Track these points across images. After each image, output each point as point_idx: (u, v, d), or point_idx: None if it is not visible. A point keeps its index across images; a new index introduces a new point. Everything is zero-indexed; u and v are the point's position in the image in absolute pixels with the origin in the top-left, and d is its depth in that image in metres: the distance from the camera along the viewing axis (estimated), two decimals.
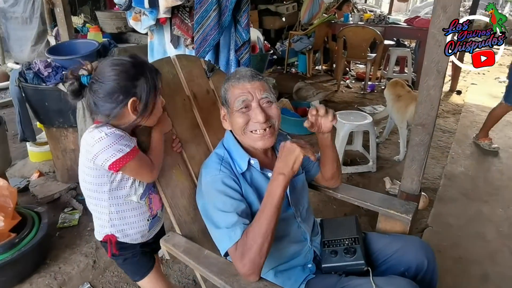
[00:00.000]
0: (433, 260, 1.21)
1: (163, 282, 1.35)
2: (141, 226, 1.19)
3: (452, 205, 2.48)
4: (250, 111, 1.09)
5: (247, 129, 1.10)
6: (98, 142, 1.01)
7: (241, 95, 1.08)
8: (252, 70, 1.15)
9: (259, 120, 1.08)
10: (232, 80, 1.12)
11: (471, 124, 3.95)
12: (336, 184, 1.41)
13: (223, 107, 1.17)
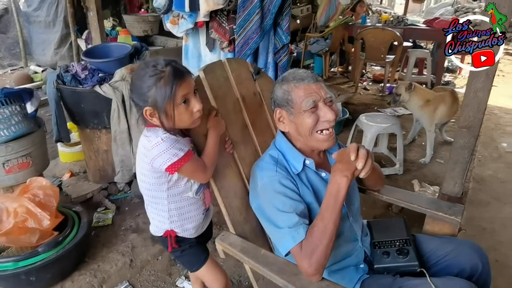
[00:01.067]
0: (487, 262, 1.21)
1: (220, 270, 1.39)
2: (198, 220, 1.25)
3: (484, 209, 2.46)
4: (318, 110, 1.10)
5: (315, 129, 1.11)
6: (156, 147, 1.05)
7: (309, 95, 1.09)
8: (309, 71, 1.17)
9: (329, 119, 1.09)
10: (293, 82, 1.12)
11: (495, 127, 3.92)
12: (379, 187, 1.42)
13: (279, 109, 1.16)
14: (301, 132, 1.14)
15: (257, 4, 1.76)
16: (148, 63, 1.05)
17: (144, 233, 2.13)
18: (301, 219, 1.04)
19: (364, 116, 2.86)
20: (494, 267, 1.93)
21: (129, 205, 2.41)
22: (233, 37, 1.94)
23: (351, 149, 1.01)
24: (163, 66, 1.03)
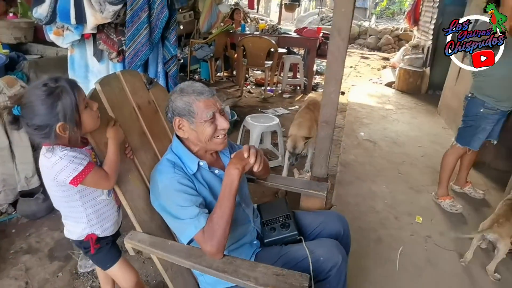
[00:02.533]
0: (347, 227, 1.59)
1: (131, 268, 1.50)
2: (114, 217, 1.39)
3: (349, 187, 3.01)
4: (216, 121, 1.29)
5: (214, 136, 1.30)
6: (55, 165, 1.13)
7: (208, 108, 1.27)
8: (205, 86, 1.33)
9: (224, 127, 1.30)
10: (194, 94, 1.27)
11: (355, 120, 4.70)
12: (266, 175, 1.70)
13: (179, 118, 1.30)
14: (201, 139, 1.31)
15: (145, 20, 1.87)
16: (36, 86, 1.09)
17: (39, 252, 2.03)
18: (201, 209, 1.22)
19: (250, 117, 3.17)
20: (358, 232, 2.43)
21: (16, 226, 2.23)
22: (121, 48, 2.00)
23: (245, 148, 1.26)
24: (54, 82, 1.09)
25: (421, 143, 4.06)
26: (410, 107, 5.45)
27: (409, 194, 2.98)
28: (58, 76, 1.13)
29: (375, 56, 9.67)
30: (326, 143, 1.88)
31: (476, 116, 2.48)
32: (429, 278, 2.08)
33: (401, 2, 14.16)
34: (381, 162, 3.53)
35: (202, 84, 1.33)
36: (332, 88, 1.72)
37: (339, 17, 1.59)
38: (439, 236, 2.46)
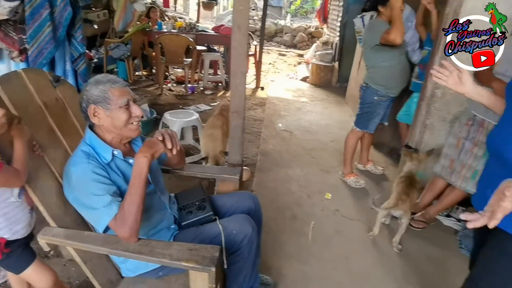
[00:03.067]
0: (258, 203, 1.75)
1: (47, 267, 1.47)
2: (26, 219, 1.34)
3: (268, 173, 3.24)
4: (130, 108, 1.37)
5: (128, 122, 1.37)
6: None
7: (123, 95, 1.34)
8: (118, 77, 1.40)
9: (138, 114, 1.38)
10: (109, 83, 1.34)
11: (274, 113, 4.98)
12: (182, 165, 1.79)
13: (94, 105, 1.33)
14: (116, 125, 1.36)
15: (47, 17, 1.82)
16: None
17: None
18: (114, 198, 1.28)
19: (168, 113, 3.23)
20: (276, 211, 2.65)
21: None
22: (24, 46, 1.92)
23: (158, 133, 1.35)
24: None
25: (331, 130, 4.47)
26: (322, 98, 5.91)
27: (320, 175, 3.30)
28: None
29: (292, 53, 10.21)
30: (239, 131, 2.04)
31: (371, 103, 2.86)
32: (337, 246, 2.37)
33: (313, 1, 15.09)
34: (296, 149, 3.83)
35: (116, 76, 1.39)
36: (238, 80, 1.88)
37: (238, 14, 1.74)
38: (346, 208, 2.79)
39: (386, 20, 2.64)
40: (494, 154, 1.19)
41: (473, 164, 2.27)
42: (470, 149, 2.27)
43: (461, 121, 2.37)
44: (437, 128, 2.69)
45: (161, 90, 5.44)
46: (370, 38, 2.71)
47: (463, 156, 2.31)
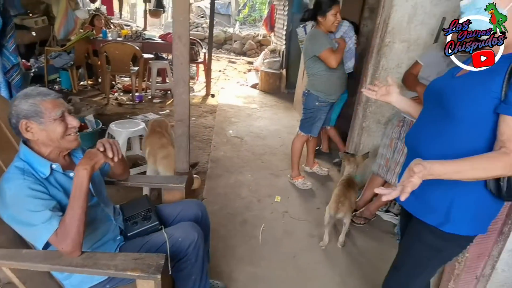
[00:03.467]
0: (205, 210, 1.79)
1: None
2: None
3: (219, 180, 3.27)
4: (66, 119, 1.35)
5: (65, 133, 1.35)
6: None
7: (56, 107, 1.32)
8: (49, 89, 1.37)
9: (75, 125, 1.37)
10: (39, 96, 1.30)
11: (224, 120, 5.03)
12: (126, 176, 1.78)
13: (26, 120, 1.29)
14: (53, 138, 1.33)
15: None
16: None
17: None
18: (54, 213, 1.25)
19: (114, 124, 3.16)
20: (227, 217, 2.69)
21: None
22: None
23: (99, 143, 1.35)
24: None
25: (280, 135, 4.61)
26: (271, 105, 6.07)
27: (270, 179, 3.40)
28: None
29: (241, 61, 10.34)
30: (184, 140, 2.06)
31: (313, 109, 3.01)
32: (286, 246, 2.46)
33: (261, 10, 15.39)
34: (247, 155, 3.91)
35: (47, 88, 1.36)
36: (182, 89, 1.91)
37: (179, 25, 1.78)
38: (294, 210, 2.90)
39: (325, 30, 2.81)
40: (410, 150, 1.33)
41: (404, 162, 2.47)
42: (402, 148, 2.47)
43: (393, 122, 2.57)
44: (373, 130, 2.90)
45: (108, 100, 5.28)
46: (310, 49, 2.86)
47: (396, 155, 2.52)
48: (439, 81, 1.32)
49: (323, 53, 2.75)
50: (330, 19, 2.74)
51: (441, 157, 1.07)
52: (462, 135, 1.14)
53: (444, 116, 1.18)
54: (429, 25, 2.64)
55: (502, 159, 1.02)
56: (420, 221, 1.26)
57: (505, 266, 1.77)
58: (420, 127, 1.30)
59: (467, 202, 1.18)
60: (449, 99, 1.17)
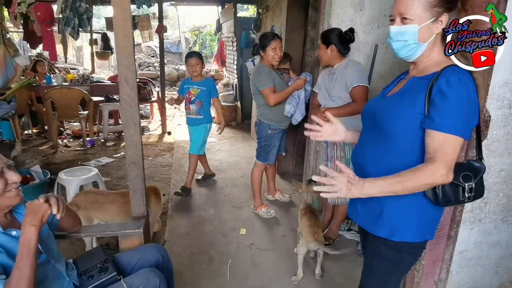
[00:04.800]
0: (165, 253, 1.72)
1: None
2: None
3: (181, 219, 3.18)
4: (5, 175, 1.26)
5: (5, 190, 1.26)
6: None
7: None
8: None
9: (16, 181, 1.29)
10: None
11: (183, 156, 4.95)
12: (78, 227, 1.68)
13: None
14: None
15: None
16: None
17: None
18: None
19: (63, 173, 2.99)
20: (191, 257, 2.59)
21: None
22: None
23: (40, 197, 1.27)
24: None
25: (240, 165, 4.62)
26: (229, 137, 6.10)
27: (233, 211, 3.35)
28: None
29: None
30: (139, 182, 1.98)
31: (266, 137, 3.07)
32: (255, 279, 2.40)
33: (211, 47, 15.75)
34: (208, 190, 3.85)
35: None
36: (132, 131, 1.87)
37: (124, 69, 1.77)
38: (260, 240, 2.86)
39: (268, 64, 2.93)
40: (356, 167, 1.37)
41: None
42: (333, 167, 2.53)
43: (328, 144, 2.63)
44: None
45: (56, 147, 5.04)
46: (255, 83, 2.98)
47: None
48: (372, 102, 1.41)
49: (264, 91, 2.91)
50: (270, 53, 2.89)
51: (385, 173, 1.13)
52: (399, 150, 1.22)
53: (380, 134, 1.26)
54: (364, 52, 2.84)
55: (428, 168, 1.11)
56: (374, 236, 1.30)
57: (458, 268, 1.87)
58: (363, 146, 1.37)
59: (410, 210, 1.25)
60: (382, 117, 1.25)
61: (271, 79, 2.90)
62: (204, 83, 3.62)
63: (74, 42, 12.44)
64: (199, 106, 3.63)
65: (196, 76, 3.61)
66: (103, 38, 9.56)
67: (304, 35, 5.12)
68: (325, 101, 2.59)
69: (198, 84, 3.60)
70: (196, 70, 3.54)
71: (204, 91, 3.59)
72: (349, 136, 1.47)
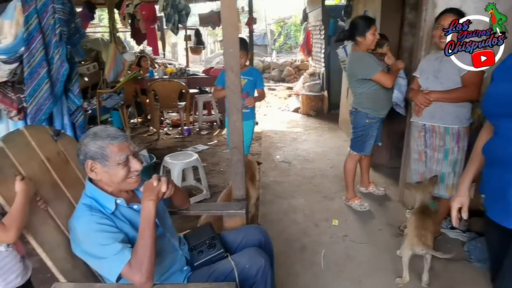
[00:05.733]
0: (267, 235, 1.74)
1: None
2: (18, 269, 1.34)
3: (272, 206, 3.22)
4: (129, 163, 1.37)
5: (127, 177, 1.38)
6: None
7: (122, 150, 1.35)
8: (118, 130, 1.41)
9: (137, 169, 1.39)
10: (108, 139, 1.34)
11: (270, 145, 5.03)
12: (187, 206, 1.79)
13: (91, 161, 1.35)
14: (114, 180, 1.37)
15: (45, 75, 1.89)
16: None
17: None
18: (124, 244, 1.27)
19: (168, 157, 3.25)
20: (284, 243, 2.61)
21: None
22: (22, 105, 1.97)
23: (154, 178, 1.37)
24: None
25: (328, 156, 4.51)
26: (315, 127, 6.00)
27: (324, 202, 3.29)
28: None
29: (281, 87, 10.45)
30: (240, 166, 2.04)
31: (363, 127, 2.92)
32: (351, 272, 2.32)
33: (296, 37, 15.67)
34: (296, 179, 3.84)
35: (116, 129, 1.41)
36: (236, 117, 1.92)
37: (230, 57, 1.81)
38: (354, 233, 2.76)
39: (364, 50, 2.77)
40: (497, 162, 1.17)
41: (437, 168, 2.38)
42: (433, 155, 2.38)
43: (414, 135, 2.46)
44: None
45: (158, 135, 5.50)
46: (357, 71, 2.83)
47: (429, 164, 2.43)
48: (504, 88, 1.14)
49: (377, 76, 2.73)
50: (370, 38, 2.74)
51: None
52: None
53: None
54: None
55: None
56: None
57: None
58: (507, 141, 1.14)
59: None
60: None
61: (377, 63, 2.76)
62: (250, 72, 3.19)
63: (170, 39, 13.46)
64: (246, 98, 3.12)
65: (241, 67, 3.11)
66: (196, 34, 10.11)
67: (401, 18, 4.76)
68: (429, 84, 2.35)
69: (244, 74, 3.04)
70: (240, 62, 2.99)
71: (250, 82, 3.16)
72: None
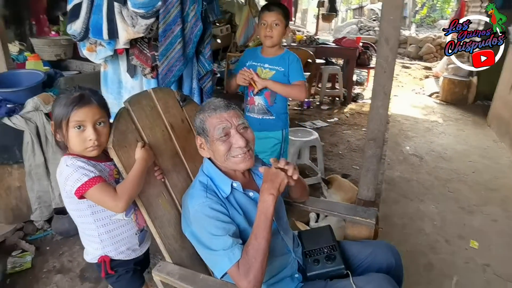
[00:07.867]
0: (399, 259, 1.40)
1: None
2: (132, 241, 1.29)
3: (395, 206, 2.78)
4: (231, 138, 1.19)
5: (230, 155, 1.20)
6: (62, 173, 1.13)
7: (220, 123, 1.18)
8: (224, 100, 1.24)
9: (240, 145, 1.18)
10: (208, 111, 1.20)
11: (399, 133, 4.43)
12: (305, 199, 1.54)
13: (199, 137, 1.23)
14: (217, 158, 1.22)
15: (178, 33, 1.81)
16: (70, 90, 1.15)
17: (71, 272, 1.99)
18: (235, 239, 1.10)
19: None
20: (406, 256, 2.18)
21: (51, 244, 2.22)
22: (155, 63, 1.95)
23: (281, 162, 1.16)
24: (75, 91, 1.14)
25: (470, 157, 3.73)
26: (456, 118, 5.08)
27: (460, 214, 2.70)
28: (89, 89, 1.17)
29: (416, 66, 9.23)
30: (374, 162, 1.71)
31: None
32: None
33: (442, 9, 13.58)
34: (428, 179, 3.26)
35: (222, 99, 1.23)
36: (380, 102, 1.57)
37: (387, 25, 1.44)
38: (500, 264, 2.18)
39: None
40: None
41: None
42: None
43: None
44: None
45: None
46: None
47: None
48: None
49: None
50: None
51: None
52: None
53: None
54: None
55: None
56: None
57: None
58: None
59: None
60: None
61: None
62: (281, 59, 1.97)
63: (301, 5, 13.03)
64: (270, 99, 1.99)
65: (271, 46, 1.96)
66: (330, 0, 9.48)
67: None
68: None
69: (271, 61, 1.98)
70: (272, 35, 1.90)
71: (279, 73, 1.96)
72: None
